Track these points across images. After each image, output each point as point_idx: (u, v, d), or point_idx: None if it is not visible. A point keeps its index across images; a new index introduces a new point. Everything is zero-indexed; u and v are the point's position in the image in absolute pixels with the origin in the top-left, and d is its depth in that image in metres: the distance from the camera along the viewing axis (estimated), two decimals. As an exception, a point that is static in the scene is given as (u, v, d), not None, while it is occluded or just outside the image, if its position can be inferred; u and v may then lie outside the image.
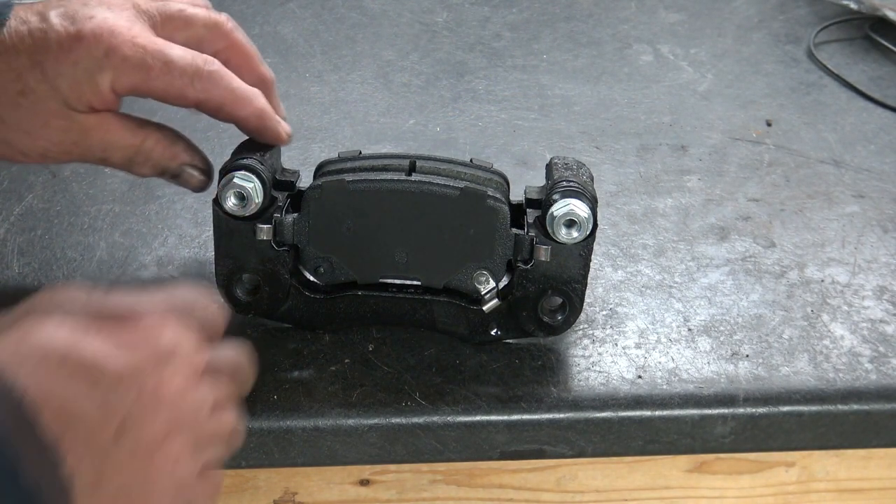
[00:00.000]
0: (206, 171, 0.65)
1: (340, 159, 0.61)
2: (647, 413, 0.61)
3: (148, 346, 0.47)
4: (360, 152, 0.62)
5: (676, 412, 0.61)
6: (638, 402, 0.61)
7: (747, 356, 0.64)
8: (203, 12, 0.63)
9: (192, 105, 0.61)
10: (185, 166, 0.64)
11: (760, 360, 0.64)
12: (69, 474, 0.44)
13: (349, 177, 0.60)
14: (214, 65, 0.61)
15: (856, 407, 0.62)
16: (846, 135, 0.89)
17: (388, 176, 0.60)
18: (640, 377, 0.62)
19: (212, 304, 0.53)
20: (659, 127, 0.89)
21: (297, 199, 0.62)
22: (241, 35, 0.64)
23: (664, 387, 0.62)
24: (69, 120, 0.60)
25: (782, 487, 0.68)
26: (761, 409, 0.61)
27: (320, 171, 0.62)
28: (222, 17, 0.63)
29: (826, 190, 0.81)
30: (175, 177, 0.64)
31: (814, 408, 0.62)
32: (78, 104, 0.60)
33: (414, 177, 0.60)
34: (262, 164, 0.60)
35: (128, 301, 0.49)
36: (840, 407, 0.62)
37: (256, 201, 0.60)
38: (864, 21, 1.06)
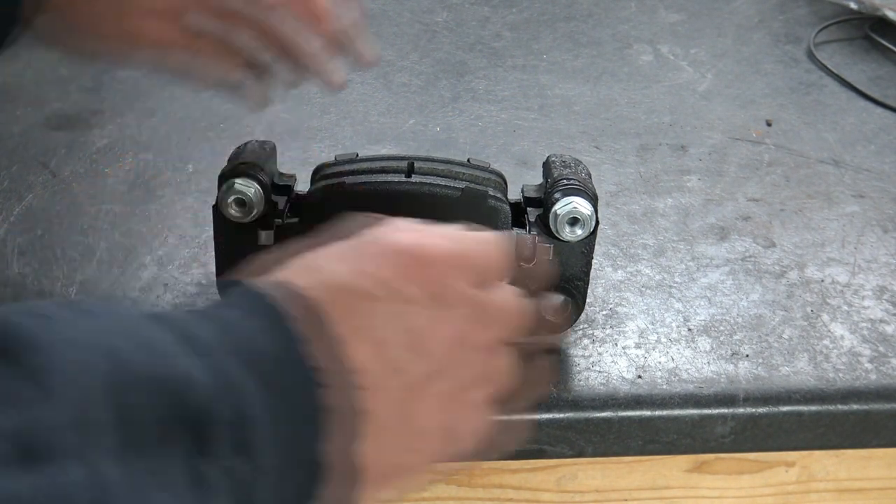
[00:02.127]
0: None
1: (338, 162, 0.61)
2: (647, 413, 0.61)
3: (429, 287, 0.47)
4: (357, 154, 0.62)
5: (676, 412, 0.61)
6: (638, 401, 0.61)
7: (747, 356, 0.64)
8: None
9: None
10: (241, 81, 0.70)
11: (760, 360, 0.64)
12: (365, 400, 0.44)
13: (349, 179, 0.59)
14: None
15: (856, 407, 0.62)
16: (846, 135, 0.89)
17: (388, 178, 0.60)
18: (640, 377, 0.62)
19: (501, 250, 0.51)
20: (659, 127, 0.89)
21: (297, 203, 0.62)
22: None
23: (664, 387, 0.62)
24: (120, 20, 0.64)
25: (782, 487, 0.68)
26: (761, 409, 0.61)
27: (318, 174, 0.62)
28: None
29: (826, 190, 0.81)
30: (231, 89, 0.70)
31: (814, 408, 0.62)
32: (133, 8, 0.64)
33: (413, 178, 0.60)
34: (262, 169, 0.60)
35: (414, 237, 0.48)
36: (840, 407, 0.62)
37: (258, 207, 0.59)
38: (864, 21, 1.06)
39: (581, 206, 0.59)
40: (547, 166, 0.63)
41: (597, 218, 0.59)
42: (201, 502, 0.39)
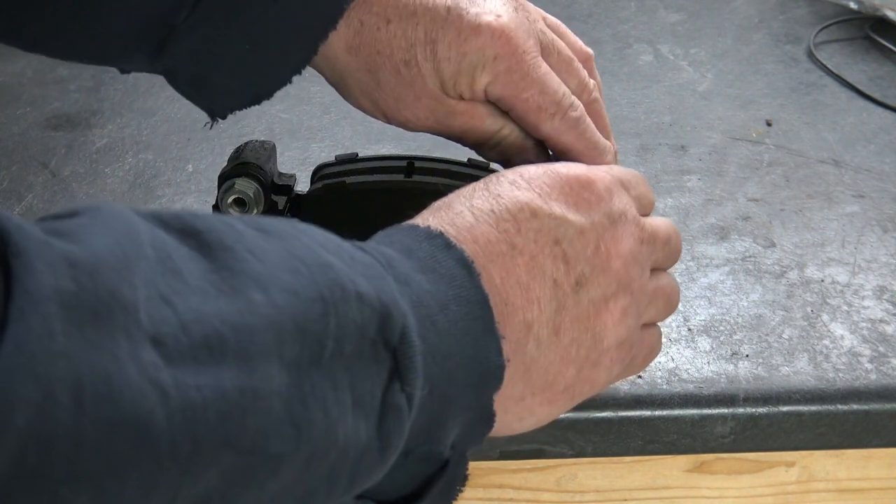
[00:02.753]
0: None
1: (338, 162, 0.61)
2: (647, 413, 0.61)
3: (602, 207, 0.51)
4: (357, 154, 0.62)
5: (676, 412, 0.61)
6: (638, 401, 0.61)
7: (747, 356, 0.64)
8: (581, 70, 0.62)
9: (539, 138, 0.61)
10: (527, 163, 0.62)
11: (760, 360, 0.64)
12: (529, 321, 0.48)
13: (349, 179, 0.59)
14: (578, 111, 0.60)
15: (856, 407, 0.62)
16: (846, 135, 0.89)
17: (388, 177, 0.60)
18: (640, 377, 0.62)
19: (646, 184, 0.56)
20: (659, 127, 0.89)
21: (297, 202, 0.62)
22: (601, 105, 0.64)
23: (664, 387, 0.62)
24: (439, 102, 0.59)
25: (782, 487, 0.68)
26: (761, 409, 0.61)
27: (318, 174, 0.62)
28: (591, 84, 0.62)
29: (826, 190, 0.81)
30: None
31: (814, 408, 0.62)
32: (451, 91, 0.59)
33: (414, 177, 0.60)
34: (262, 169, 0.60)
35: (580, 167, 0.52)
36: (840, 407, 0.62)
37: (257, 207, 0.59)
38: (864, 21, 1.06)
39: None
40: None
41: None
42: (386, 423, 0.41)
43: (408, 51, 0.58)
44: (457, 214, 0.48)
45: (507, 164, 0.62)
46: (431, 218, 0.49)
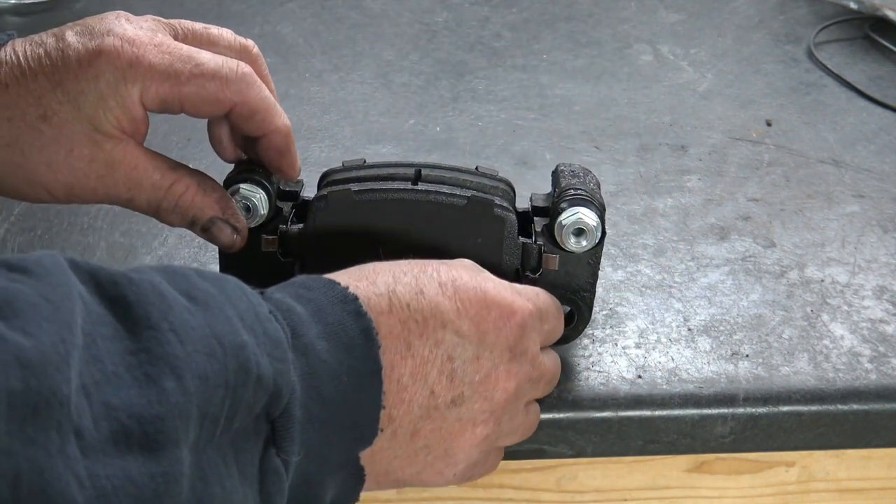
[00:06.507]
0: (239, 229, 0.59)
1: (345, 168, 0.61)
2: (647, 413, 0.61)
3: (509, 340, 0.52)
4: (365, 161, 0.61)
5: (676, 412, 0.61)
6: (638, 401, 0.61)
7: (747, 356, 0.64)
8: (228, 33, 0.60)
9: (227, 110, 0.57)
10: (216, 219, 0.58)
11: (760, 360, 0.64)
12: (393, 416, 0.50)
13: (355, 186, 0.59)
14: (247, 68, 0.56)
15: (856, 407, 0.62)
16: (846, 135, 0.89)
17: (394, 185, 0.59)
18: (640, 377, 0.62)
19: (560, 319, 0.58)
20: (659, 127, 0.89)
21: (303, 209, 0.61)
22: (265, 65, 0.61)
23: (664, 387, 0.62)
24: (95, 146, 0.55)
25: (782, 487, 0.68)
26: (761, 409, 0.61)
27: (325, 180, 0.61)
28: (249, 42, 0.60)
29: (826, 190, 0.81)
30: (205, 230, 0.59)
31: (814, 408, 0.62)
32: (104, 123, 0.55)
33: (420, 186, 0.59)
34: (268, 175, 0.60)
35: (509, 292, 0.53)
36: (840, 407, 0.62)
37: (262, 212, 0.59)
38: (864, 21, 1.06)
39: (587, 216, 0.58)
40: (555, 176, 0.62)
41: (603, 229, 0.59)
42: (266, 486, 0.44)
43: (38, 105, 0.54)
44: (377, 295, 0.50)
45: (196, 227, 0.59)
46: (354, 281, 0.51)
